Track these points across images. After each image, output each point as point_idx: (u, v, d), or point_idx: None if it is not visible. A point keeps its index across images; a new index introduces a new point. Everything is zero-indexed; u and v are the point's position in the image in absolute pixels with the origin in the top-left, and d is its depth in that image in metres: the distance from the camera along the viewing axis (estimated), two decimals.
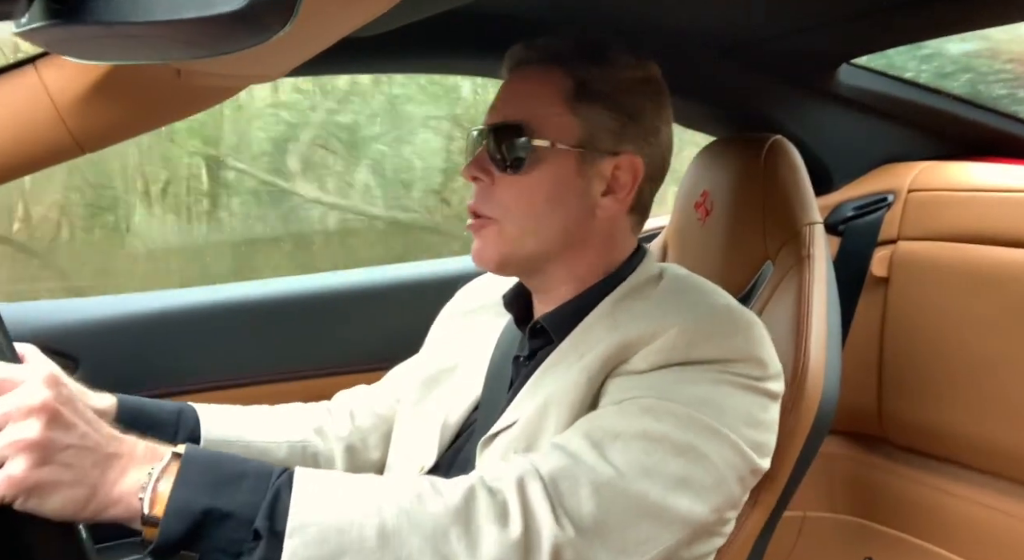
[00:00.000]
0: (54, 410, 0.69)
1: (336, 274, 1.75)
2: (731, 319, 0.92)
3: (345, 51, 0.90)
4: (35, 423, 0.68)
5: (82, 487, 0.69)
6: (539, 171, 0.96)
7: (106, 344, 1.46)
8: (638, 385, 0.87)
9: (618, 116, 0.98)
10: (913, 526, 1.63)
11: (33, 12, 0.52)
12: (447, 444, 1.06)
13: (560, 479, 0.79)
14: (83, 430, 0.70)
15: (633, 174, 0.98)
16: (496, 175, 0.97)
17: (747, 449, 0.87)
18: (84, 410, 0.72)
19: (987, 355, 1.47)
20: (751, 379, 0.89)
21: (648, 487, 0.81)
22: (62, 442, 0.68)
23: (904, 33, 1.49)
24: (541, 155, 0.95)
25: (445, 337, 1.17)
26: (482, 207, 0.98)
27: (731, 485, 0.87)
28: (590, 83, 0.97)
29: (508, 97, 1.00)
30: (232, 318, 1.57)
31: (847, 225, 1.67)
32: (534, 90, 0.98)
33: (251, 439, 1.10)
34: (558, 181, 0.96)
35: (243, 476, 0.73)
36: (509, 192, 0.97)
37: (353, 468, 1.16)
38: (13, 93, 0.95)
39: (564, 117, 0.96)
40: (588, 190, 0.98)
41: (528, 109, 0.97)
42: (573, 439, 0.83)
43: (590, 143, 0.96)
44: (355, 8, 0.68)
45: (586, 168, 0.97)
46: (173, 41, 0.53)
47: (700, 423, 0.84)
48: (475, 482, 0.78)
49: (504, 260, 0.99)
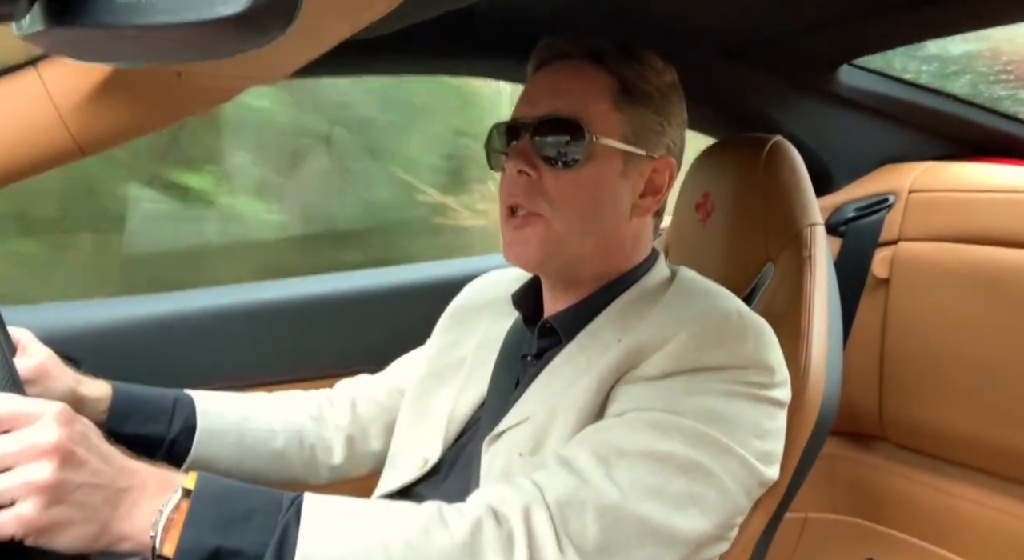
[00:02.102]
0: (67, 451, 0.68)
1: (338, 276, 1.75)
2: (742, 325, 0.91)
3: (346, 53, 0.90)
4: (47, 465, 0.67)
5: (93, 524, 0.69)
6: (590, 168, 0.94)
7: (108, 346, 1.46)
8: (648, 395, 0.87)
9: (658, 118, 0.98)
10: (914, 526, 1.63)
11: (34, 14, 0.52)
12: (452, 440, 1.05)
13: (565, 505, 0.79)
14: (95, 466, 0.70)
15: (669, 176, 0.99)
16: (543, 169, 0.95)
17: (755, 462, 0.87)
18: (97, 443, 0.72)
19: (987, 355, 1.47)
20: (760, 387, 0.89)
21: (653, 509, 0.81)
22: (74, 482, 0.68)
23: (904, 33, 1.49)
24: (593, 152, 0.94)
25: (452, 332, 1.17)
26: (527, 202, 0.95)
27: (738, 499, 0.87)
28: (634, 83, 0.96)
29: (553, 90, 0.97)
30: (234, 320, 1.57)
31: (848, 226, 1.67)
32: (582, 85, 0.96)
33: (247, 428, 1.10)
34: (605, 180, 0.96)
35: (252, 513, 0.73)
36: (559, 187, 0.94)
37: (353, 458, 1.17)
38: (14, 95, 0.95)
39: (611, 115, 0.95)
40: (629, 191, 0.98)
41: (578, 104, 0.95)
42: (580, 454, 0.83)
43: (634, 143, 0.96)
44: (356, 10, 0.68)
45: (629, 169, 0.97)
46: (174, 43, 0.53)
47: (708, 439, 0.84)
48: (482, 513, 0.78)
49: (546, 259, 0.97)
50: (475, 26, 1.31)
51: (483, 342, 1.12)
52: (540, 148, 0.95)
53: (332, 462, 1.16)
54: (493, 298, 1.16)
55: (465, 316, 1.18)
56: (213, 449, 1.06)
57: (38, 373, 0.96)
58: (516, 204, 0.96)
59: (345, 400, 1.20)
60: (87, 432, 0.71)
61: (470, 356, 1.11)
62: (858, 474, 1.73)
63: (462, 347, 1.14)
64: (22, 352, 0.99)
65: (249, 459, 1.09)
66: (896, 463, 1.67)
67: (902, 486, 1.65)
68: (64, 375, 0.99)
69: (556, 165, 0.94)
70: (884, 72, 1.67)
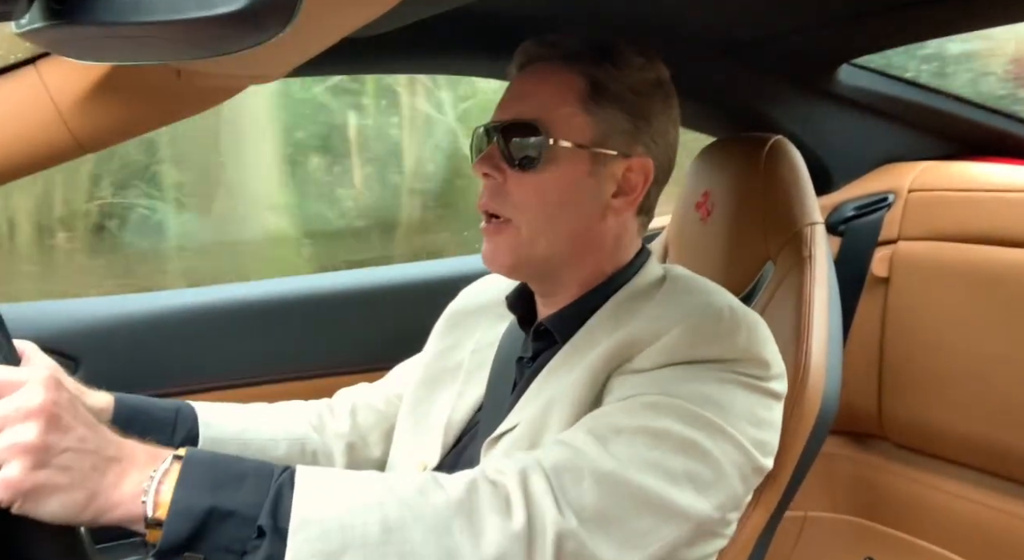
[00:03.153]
0: (53, 413, 0.68)
1: (337, 274, 1.75)
2: (734, 319, 0.91)
3: (346, 51, 0.90)
4: (33, 426, 0.67)
5: (80, 491, 0.69)
6: (551, 170, 0.95)
7: (107, 344, 1.46)
8: (642, 383, 0.87)
9: (631, 117, 0.97)
10: (913, 526, 1.63)
11: (33, 13, 0.52)
12: (450, 444, 1.06)
13: (563, 471, 0.79)
14: (82, 433, 0.70)
15: (644, 176, 0.98)
16: (508, 173, 0.96)
17: (750, 447, 0.87)
18: (84, 413, 0.72)
19: (987, 355, 1.47)
20: (754, 378, 0.89)
21: (650, 480, 0.81)
22: (60, 445, 0.68)
23: (904, 33, 1.49)
24: (554, 154, 0.94)
25: (448, 337, 1.17)
26: (495, 206, 0.96)
27: (734, 482, 0.87)
28: (604, 83, 0.96)
29: (520, 94, 0.99)
30: (233, 318, 1.57)
31: (848, 225, 1.67)
32: (548, 88, 0.97)
33: (250, 437, 1.10)
34: (570, 181, 0.96)
35: (245, 475, 0.73)
36: (521, 190, 0.96)
37: (353, 465, 1.16)
38: (14, 93, 0.95)
39: (578, 117, 0.95)
40: (599, 191, 0.97)
41: (542, 107, 0.95)
42: (576, 434, 0.83)
43: (603, 144, 0.96)
44: (355, 8, 0.68)
45: (598, 169, 0.96)
46: (173, 41, 0.53)
47: (703, 420, 0.84)
48: (477, 475, 0.78)
49: (517, 263, 0.98)
50: (474, 25, 1.31)
51: (479, 346, 1.12)
52: (503, 151, 0.96)
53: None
54: (488, 301, 1.16)
55: (461, 320, 1.18)
56: None
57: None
58: (486, 208, 0.97)
59: (344, 408, 1.20)
60: (74, 400, 0.71)
61: (467, 360, 1.11)
62: (857, 473, 1.73)
63: (459, 351, 1.14)
64: (25, 363, 0.98)
65: None
66: (895, 462, 1.67)
67: (901, 485, 1.65)
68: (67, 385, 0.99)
69: (517, 168, 0.95)
70: (884, 72, 1.67)
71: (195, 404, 1.09)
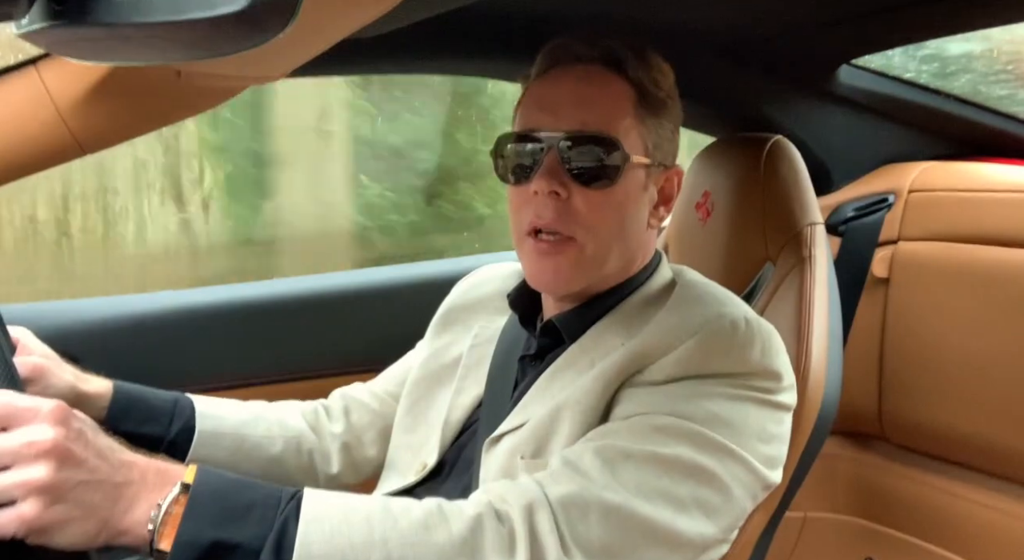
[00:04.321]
0: (65, 450, 0.68)
1: (336, 275, 1.75)
2: (749, 331, 0.90)
3: (346, 52, 0.90)
4: (46, 465, 0.67)
5: (92, 521, 0.69)
6: (620, 185, 0.91)
7: (107, 345, 1.46)
8: (653, 399, 0.86)
9: (671, 125, 0.96)
10: (913, 526, 1.63)
11: (34, 13, 0.52)
12: (449, 442, 1.05)
13: (569, 505, 0.78)
14: (93, 464, 0.70)
15: (678, 183, 0.98)
16: (572, 188, 0.90)
17: (760, 467, 0.87)
18: (94, 439, 0.71)
19: (987, 355, 1.47)
20: (766, 392, 0.88)
21: (658, 511, 0.80)
22: (73, 480, 0.68)
23: (904, 33, 1.49)
24: (625, 170, 0.91)
25: (445, 334, 1.16)
26: (560, 225, 0.90)
27: (743, 503, 0.87)
28: (649, 92, 0.94)
29: (578, 101, 0.92)
30: (232, 319, 1.57)
31: (848, 225, 1.67)
32: (606, 97, 0.93)
33: (246, 432, 1.10)
34: (632, 196, 0.93)
35: (251, 507, 0.73)
36: (591, 208, 0.90)
37: (349, 465, 1.16)
38: (14, 94, 0.95)
39: (635, 129, 0.93)
40: (648, 204, 0.96)
41: (607, 118, 0.91)
42: (585, 456, 0.82)
43: (655, 155, 0.95)
44: (356, 9, 0.68)
45: (649, 181, 0.95)
46: (174, 42, 0.53)
47: (714, 443, 0.83)
48: (483, 510, 0.77)
49: (578, 283, 0.94)
50: (474, 25, 1.31)
51: (477, 342, 1.11)
52: (569, 165, 0.90)
53: (329, 471, 1.15)
54: (484, 296, 1.16)
55: (457, 316, 1.17)
56: (211, 452, 1.06)
57: (37, 371, 0.96)
58: (550, 226, 0.91)
59: (339, 409, 1.19)
60: (83, 429, 0.71)
61: (465, 357, 1.11)
62: (858, 474, 1.73)
63: (456, 348, 1.13)
64: (21, 350, 0.99)
65: (246, 464, 1.09)
66: (895, 463, 1.67)
67: (901, 486, 1.65)
68: (63, 372, 0.99)
69: (588, 184, 0.90)
70: (884, 72, 1.67)
71: (194, 397, 1.09)
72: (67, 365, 1.01)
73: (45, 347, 1.01)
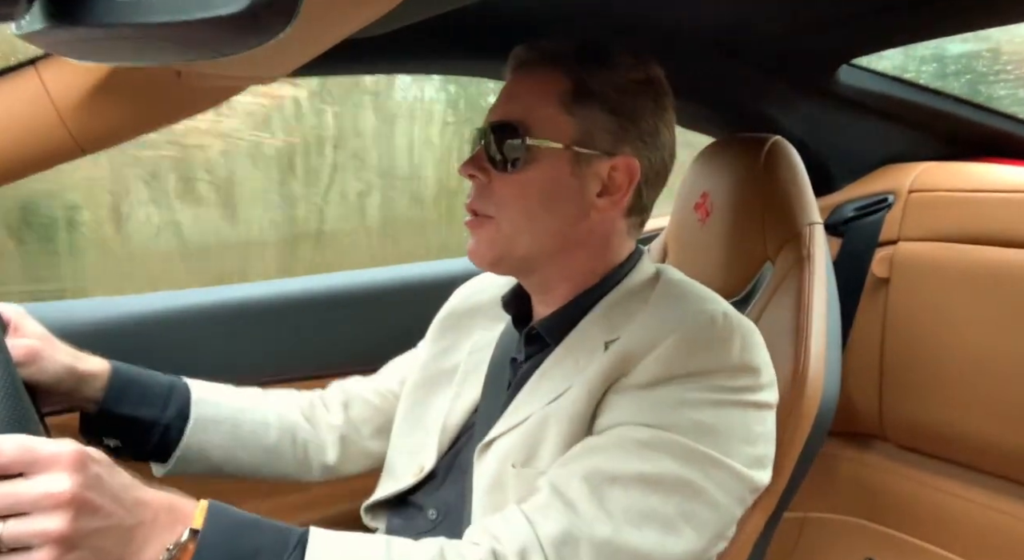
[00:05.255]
0: (83, 500, 0.68)
1: (336, 275, 1.75)
2: (728, 326, 0.91)
3: (347, 52, 0.90)
4: (64, 516, 0.67)
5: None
6: (533, 170, 0.96)
7: (107, 344, 1.46)
8: (638, 408, 0.87)
9: (615, 117, 0.97)
10: (913, 526, 1.63)
11: (33, 14, 0.52)
12: (447, 446, 1.06)
13: (561, 545, 0.80)
14: (109, 510, 0.70)
15: (629, 176, 0.98)
16: (493, 174, 0.98)
17: (746, 471, 0.88)
18: (110, 482, 0.71)
19: (987, 355, 1.47)
20: (748, 391, 0.89)
21: (648, 536, 0.82)
22: (89, 528, 0.68)
23: (904, 33, 1.49)
24: (536, 154, 0.95)
25: (444, 339, 1.17)
26: (479, 205, 0.98)
27: (731, 510, 0.88)
28: (588, 84, 0.96)
29: (507, 97, 1.00)
30: (232, 319, 1.57)
31: (848, 226, 1.67)
32: (532, 90, 0.98)
33: (242, 419, 1.10)
34: (552, 181, 0.97)
35: (258, 553, 0.74)
36: (504, 190, 0.97)
37: (346, 457, 1.17)
38: (13, 94, 0.95)
39: (560, 117, 0.96)
40: (583, 191, 0.97)
41: (525, 109, 0.97)
42: (572, 484, 0.84)
43: (585, 143, 0.96)
44: (356, 10, 0.68)
45: (581, 168, 0.97)
46: (173, 42, 0.53)
47: (698, 454, 0.85)
48: (483, 555, 0.80)
49: (497, 258, 0.99)
50: (474, 26, 1.31)
51: (477, 347, 1.12)
52: (488, 152, 0.98)
53: (325, 461, 1.16)
54: (484, 302, 1.17)
55: (457, 322, 1.18)
56: (206, 438, 1.07)
57: (32, 353, 0.95)
58: (471, 207, 0.99)
59: (337, 401, 1.20)
60: (100, 474, 0.70)
61: (463, 362, 1.12)
62: (857, 474, 1.73)
63: (455, 353, 1.14)
64: (14, 331, 0.97)
65: (241, 451, 1.10)
66: (895, 463, 1.67)
67: (901, 486, 1.65)
68: (59, 353, 0.99)
69: (500, 168, 0.97)
70: (884, 72, 1.67)
71: (190, 382, 1.10)
72: (63, 345, 1.00)
73: (40, 327, 1.00)
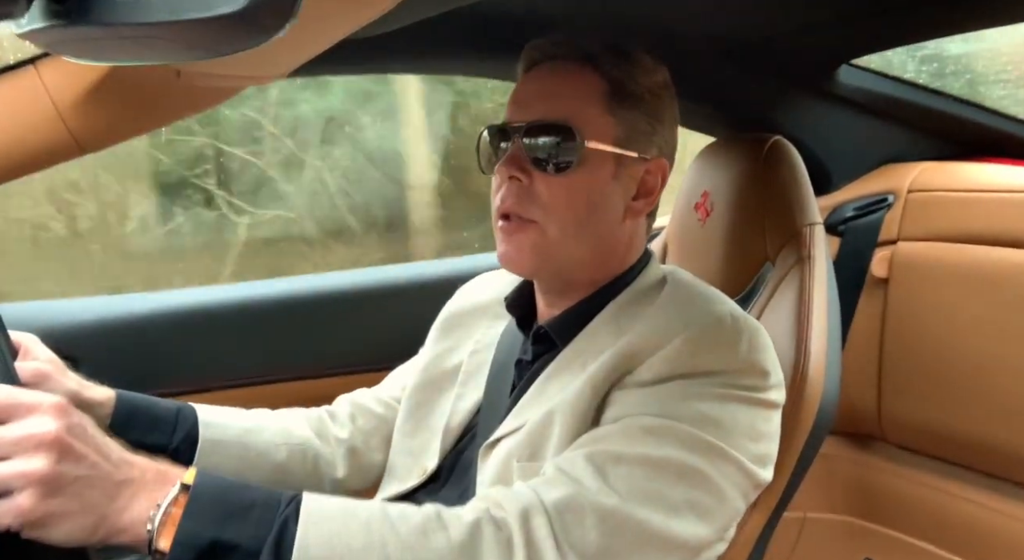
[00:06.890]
0: (65, 443, 0.68)
1: (337, 274, 1.75)
2: (736, 328, 0.91)
3: (346, 52, 0.90)
4: (45, 456, 0.67)
5: (90, 516, 0.69)
6: (581, 173, 0.94)
7: (106, 344, 1.46)
8: (643, 400, 0.87)
9: (649, 119, 0.97)
10: (913, 526, 1.63)
11: (33, 13, 0.52)
12: (449, 448, 1.05)
13: (565, 510, 0.79)
14: (93, 460, 0.70)
15: (661, 177, 0.99)
16: (535, 174, 0.94)
17: (751, 466, 0.87)
18: (94, 436, 0.71)
19: (987, 355, 1.47)
20: (754, 390, 0.89)
21: (652, 514, 0.81)
22: (72, 474, 0.68)
23: (904, 33, 1.49)
24: (584, 156, 0.93)
25: (446, 339, 1.17)
26: (520, 208, 0.94)
27: (736, 503, 0.87)
28: (624, 85, 0.96)
29: (544, 93, 0.96)
30: (233, 318, 1.57)
31: (847, 225, 1.67)
32: (573, 89, 0.95)
33: (251, 440, 1.09)
34: (597, 184, 0.95)
35: (251, 507, 0.73)
36: (552, 193, 0.94)
37: (355, 470, 1.16)
38: (13, 93, 0.95)
39: (603, 118, 0.95)
40: (622, 194, 0.97)
41: (570, 108, 0.94)
42: (577, 463, 0.83)
43: (626, 146, 0.96)
44: (355, 9, 0.68)
45: (621, 171, 0.96)
46: (173, 42, 0.53)
47: (704, 444, 0.84)
48: (481, 516, 0.78)
49: (541, 265, 0.97)
50: (475, 26, 1.31)
51: (478, 347, 1.11)
52: (531, 152, 0.94)
53: (335, 476, 1.15)
54: (485, 302, 1.16)
55: (458, 322, 1.17)
56: (215, 461, 1.06)
57: (39, 376, 0.96)
58: (511, 211, 0.95)
59: (345, 414, 1.19)
60: (85, 424, 0.71)
61: (465, 362, 1.11)
62: (857, 474, 1.73)
63: (457, 353, 1.13)
64: (24, 355, 0.98)
65: (251, 472, 1.08)
66: (895, 463, 1.67)
67: (901, 486, 1.65)
68: (66, 378, 0.99)
69: (547, 170, 0.93)
70: (884, 72, 1.67)
71: (197, 406, 1.09)
72: (71, 372, 1.00)
73: (50, 353, 1.00)
